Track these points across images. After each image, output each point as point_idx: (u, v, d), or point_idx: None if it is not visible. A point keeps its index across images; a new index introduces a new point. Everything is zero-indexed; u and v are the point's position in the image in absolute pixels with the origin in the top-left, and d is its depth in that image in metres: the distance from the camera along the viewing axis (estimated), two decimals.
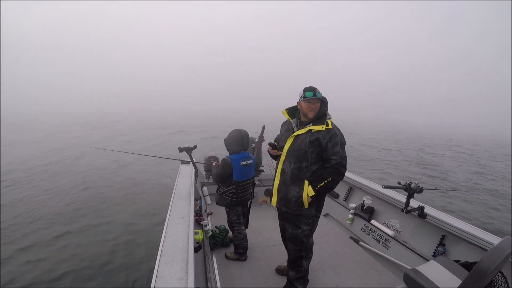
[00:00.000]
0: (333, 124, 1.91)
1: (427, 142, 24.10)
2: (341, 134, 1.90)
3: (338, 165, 1.83)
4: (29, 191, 6.42)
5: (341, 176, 1.88)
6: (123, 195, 6.33)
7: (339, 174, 1.85)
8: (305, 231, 2.00)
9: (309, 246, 2.09)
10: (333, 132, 1.85)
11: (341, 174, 1.86)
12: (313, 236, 2.11)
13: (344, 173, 1.87)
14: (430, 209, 2.57)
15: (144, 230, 4.62)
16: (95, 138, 15.09)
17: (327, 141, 1.83)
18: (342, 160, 1.83)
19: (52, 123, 24.65)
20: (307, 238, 2.05)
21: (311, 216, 1.97)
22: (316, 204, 1.97)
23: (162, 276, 1.15)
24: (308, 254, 2.12)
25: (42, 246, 4.01)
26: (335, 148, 1.83)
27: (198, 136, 18.22)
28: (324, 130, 1.85)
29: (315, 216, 2.01)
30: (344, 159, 1.85)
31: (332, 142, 1.83)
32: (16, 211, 5.16)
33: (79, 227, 4.63)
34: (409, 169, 11.99)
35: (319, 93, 1.88)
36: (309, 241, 2.08)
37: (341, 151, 1.85)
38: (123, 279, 3.37)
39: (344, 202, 3.68)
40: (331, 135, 1.83)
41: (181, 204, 2.03)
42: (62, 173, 7.96)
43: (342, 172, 1.86)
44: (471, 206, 7.52)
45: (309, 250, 2.12)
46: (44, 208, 5.35)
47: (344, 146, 1.88)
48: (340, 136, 1.88)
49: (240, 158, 2.46)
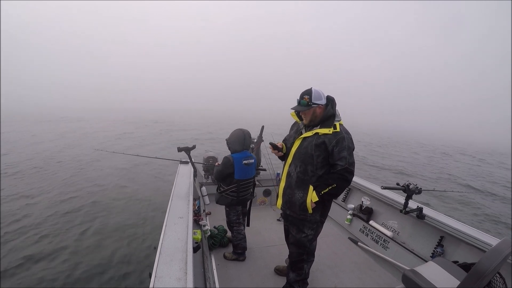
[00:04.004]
0: (342, 127, 1.81)
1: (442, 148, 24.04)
2: (349, 138, 1.80)
3: (344, 171, 1.74)
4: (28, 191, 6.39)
5: (347, 183, 1.78)
6: (121, 194, 6.31)
7: (345, 180, 1.76)
8: (309, 236, 1.96)
9: (311, 250, 2.07)
10: (341, 136, 1.75)
11: (347, 181, 1.77)
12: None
13: (350, 179, 1.78)
14: (429, 210, 2.57)
15: (143, 230, 4.60)
16: (99, 138, 14.93)
17: (334, 146, 1.75)
18: (348, 166, 1.74)
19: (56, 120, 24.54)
20: (310, 242, 2.01)
21: (315, 221, 1.93)
22: (321, 210, 1.91)
23: (161, 276, 1.15)
24: (310, 258, 2.09)
25: (40, 245, 3.99)
26: (341, 153, 1.74)
27: (197, 136, 18.19)
28: (331, 133, 1.76)
29: (319, 221, 1.96)
30: (351, 165, 1.75)
31: (338, 147, 1.74)
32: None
33: (76, 227, 4.61)
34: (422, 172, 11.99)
35: (304, 100, 1.78)
36: (312, 245, 2.05)
37: (348, 156, 1.75)
38: (122, 279, 3.36)
39: (343, 203, 3.68)
40: (338, 139, 1.75)
41: (180, 204, 2.02)
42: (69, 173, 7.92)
43: (348, 179, 1.76)
44: (470, 207, 7.56)
45: (311, 254, 2.09)
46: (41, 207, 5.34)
47: (352, 151, 1.79)
48: (348, 141, 1.78)
49: (242, 157, 2.45)
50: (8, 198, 5.74)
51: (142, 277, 3.40)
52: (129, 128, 20.97)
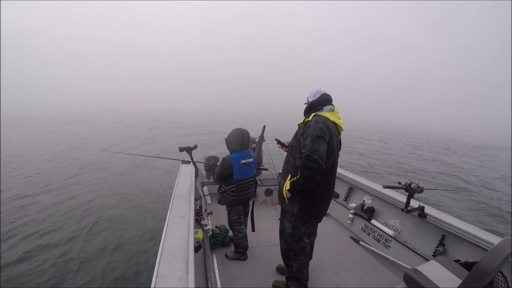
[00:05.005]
0: (316, 117, 1.77)
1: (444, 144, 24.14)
2: (316, 125, 1.71)
3: (305, 159, 1.68)
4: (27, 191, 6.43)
5: (309, 171, 1.68)
6: (122, 194, 6.33)
7: (306, 168, 1.68)
8: (287, 229, 1.99)
9: (296, 249, 2.02)
10: (308, 124, 1.75)
11: (308, 169, 1.67)
12: (304, 241, 2.02)
13: (313, 168, 1.66)
14: (430, 209, 2.57)
15: (144, 229, 4.62)
16: (106, 139, 14.92)
17: (301, 134, 1.77)
18: (309, 153, 1.65)
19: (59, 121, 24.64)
20: (291, 238, 1.99)
21: (293, 214, 1.93)
22: (297, 202, 1.88)
23: (162, 276, 1.15)
24: (297, 256, 2.04)
25: (41, 245, 4.02)
26: (305, 141, 1.71)
27: (198, 136, 18.21)
28: (303, 123, 1.83)
29: (297, 215, 1.91)
30: (313, 152, 1.65)
31: (304, 135, 1.74)
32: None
33: (75, 226, 4.64)
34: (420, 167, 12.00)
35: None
36: (297, 244, 2.01)
37: (311, 143, 1.67)
38: (123, 279, 3.37)
39: (344, 202, 3.68)
40: (305, 127, 1.76)
41: (182, 204, 2.03)
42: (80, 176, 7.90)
43: (309, 167, 1.67)
44: (471, 205, 7.52)
45: (297, 253, 2.04)
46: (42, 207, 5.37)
47: (316, 138, 1.68)
48: (314, 128, 1.70)
49: (240, 156, 2.46)
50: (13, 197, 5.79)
51: (143, 277, 3.41)
52: (129, 128, 21.03)
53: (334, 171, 1.95)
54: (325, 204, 2.01)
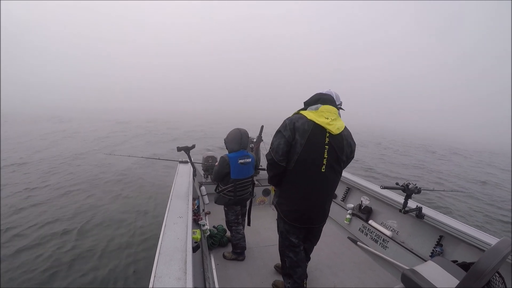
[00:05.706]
0: (296, 115, 1.78)
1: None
2: (284, 124, 1.72)
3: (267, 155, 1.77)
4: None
5: (268, 166, 1.79)
6: (120, 195, 6.30)
7: (267, 164, 1.79)
8: (277, 219, 2.02)
9: (282, 244, 2.01)
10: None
11: (268, 164, 1.78)
12: (291, 240, 1.94)
13: (271, 163, 1.75)
14: (428, 209, 2.58)
15: (142, 229, 4.60)
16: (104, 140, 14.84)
17: None
18: (269, 149, 1.76)
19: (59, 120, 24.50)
20: (279, 233, 2.02)
21: (275, 208, 1.93)
22: (278, 196, 1.90)
23: (160, 276, 1.14)
24: (287, 253, 1.98)
25: (37, 243, 3.98)
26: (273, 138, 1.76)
27: (196, 136, 18.17)
28: None
29: (278, 211, 1.91)
30: (272, 149, 1.73)
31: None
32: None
33: (73, 226, 4.61)
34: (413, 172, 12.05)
35: None
36: (282, 240, 1.99)
37: (274, 139, 1.74)
38: (121, 279, 3.35)
39: (342, 203, 3.69)
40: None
41: (179, 204, 2.02)
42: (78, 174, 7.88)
43: (269, 162, 1.76)
44: (469, 207, 7.57)
45: (286, 249, 1.99)
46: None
47: (276, 132, 1.74)
48: (281, 125, 1.74)
49: (238, 156, 2.45)
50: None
51: (141, 277, 3.39)
52: (128, 127, 20.94)
53: (312, 173, 1.71)
54: (303, 207, 1.79)
